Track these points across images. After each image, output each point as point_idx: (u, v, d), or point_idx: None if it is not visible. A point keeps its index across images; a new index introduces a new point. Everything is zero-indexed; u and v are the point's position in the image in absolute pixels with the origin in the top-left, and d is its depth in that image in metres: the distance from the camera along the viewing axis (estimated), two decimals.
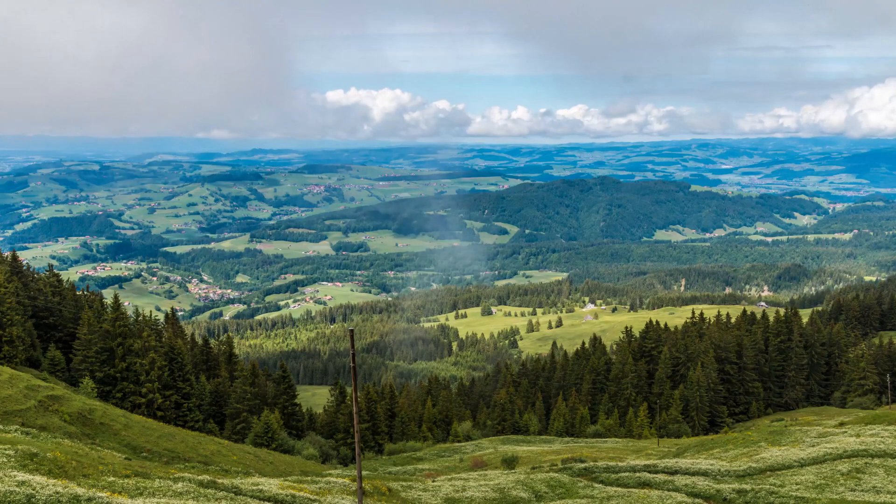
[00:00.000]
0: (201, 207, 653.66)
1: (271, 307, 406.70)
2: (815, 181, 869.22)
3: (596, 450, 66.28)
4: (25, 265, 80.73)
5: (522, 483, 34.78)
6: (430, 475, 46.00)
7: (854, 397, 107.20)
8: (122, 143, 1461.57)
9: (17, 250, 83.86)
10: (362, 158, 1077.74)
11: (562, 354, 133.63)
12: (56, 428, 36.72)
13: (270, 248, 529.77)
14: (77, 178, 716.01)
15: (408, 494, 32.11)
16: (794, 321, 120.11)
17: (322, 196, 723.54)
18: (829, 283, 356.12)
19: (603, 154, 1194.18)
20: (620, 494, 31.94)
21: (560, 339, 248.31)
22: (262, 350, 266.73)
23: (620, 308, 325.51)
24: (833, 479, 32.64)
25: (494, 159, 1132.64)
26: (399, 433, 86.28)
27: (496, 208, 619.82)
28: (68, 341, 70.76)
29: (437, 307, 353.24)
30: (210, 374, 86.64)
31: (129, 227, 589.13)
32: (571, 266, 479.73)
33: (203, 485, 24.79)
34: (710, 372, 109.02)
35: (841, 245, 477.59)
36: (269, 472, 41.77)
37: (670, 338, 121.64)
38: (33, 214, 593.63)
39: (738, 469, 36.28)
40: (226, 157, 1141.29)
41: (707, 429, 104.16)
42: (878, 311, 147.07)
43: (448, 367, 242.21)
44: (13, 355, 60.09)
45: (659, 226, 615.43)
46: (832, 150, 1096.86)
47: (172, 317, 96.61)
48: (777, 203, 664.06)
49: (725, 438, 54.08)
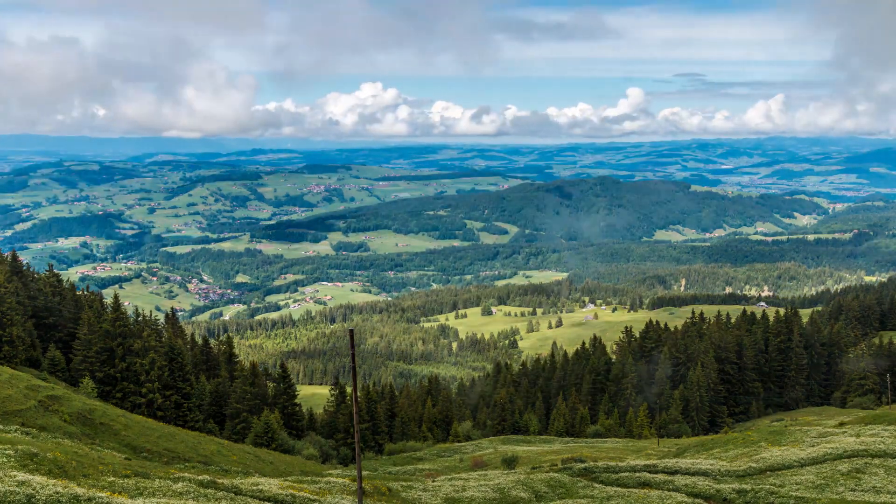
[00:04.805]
0: (201, 207, 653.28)
1: (271, 307, 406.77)
2: (816, 181, 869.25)
3: (596, 450, 66.27)
4: (25, 265, 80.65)
5: (522, 483, 34.78)
6: (430, 475, 45.99)
7: (854, 397, 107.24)
8: (122, 143, 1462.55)
9: (17, 250, 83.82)
10: (362, 158, 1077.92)
11: (562, 354, 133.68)
12: (56, 428, 36.72)
13: (270, 248, 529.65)
14: (77, 178, 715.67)
15: (408, 494, 32.11)
16: (794, 321, 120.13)
17: (322, 196, 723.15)
18: (829, 283, 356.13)
19: (603, 154, 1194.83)
20: (620, 494, 31.94)
21: (560, 339, 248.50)
22: (262, 350, 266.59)
23: (620, 308, 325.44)
24: (833, 479, 32.65)
25: (494, 159, 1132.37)
26: (399, 433, 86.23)
27: (496, 208, 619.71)
28: (68, 341, 70.73)
29: (437, 307, 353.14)
30: (210, 374, 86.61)
31: (129, 227, 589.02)
32: (571, 266, 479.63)
33: (203, 485, 24.79)
34: (710, 372, 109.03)
35: (841, 245, 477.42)
36: (269, 472, 41.76)
37: (670, 338, 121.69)
38: (33, 214, 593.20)
39: (738, 469, 36.28)
40: (226, 157, 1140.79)
41: (707, 429, 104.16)
42: (878, 311, 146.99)
43: (448, 367, 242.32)
44: (13, 355, 60.10)
45: (659, 226, 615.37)
46: (832, 150, 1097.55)
47: (172, 317, 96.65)
48: (777, 203, 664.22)
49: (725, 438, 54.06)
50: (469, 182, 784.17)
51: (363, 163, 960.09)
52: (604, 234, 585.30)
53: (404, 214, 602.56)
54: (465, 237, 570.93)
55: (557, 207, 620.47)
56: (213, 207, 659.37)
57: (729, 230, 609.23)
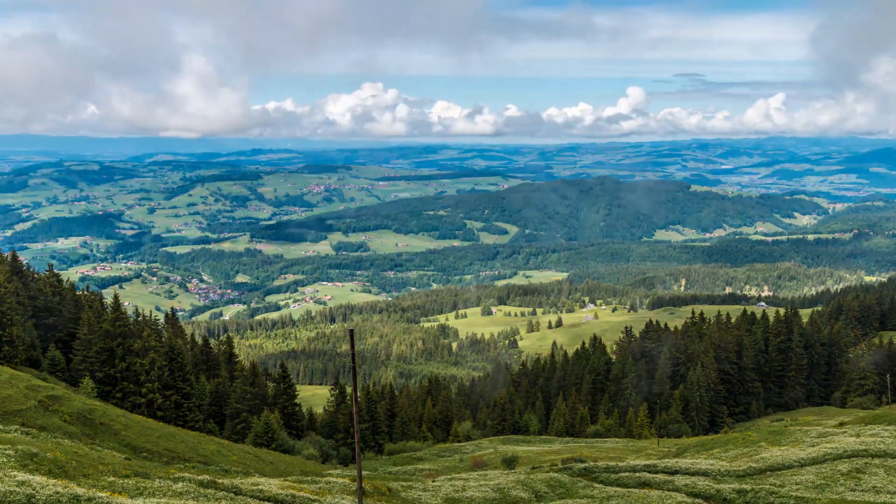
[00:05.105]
0: (201, 207, 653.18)
1: (271, 307, 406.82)
2: (816, 181, 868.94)
3: (596, 450, 66.27)
4: (25, 265, 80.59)
5: (522, 483, 34.78)
6: (430, 475, 45.99)
7: (854, 397, 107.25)
8: (122, 142, 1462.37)
9: (17, 250, 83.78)
10: (362, 158, 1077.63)
11: (562, 354, 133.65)
12: (56, 428, 36.72)
13: (270, 248, 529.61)
14: (77, 178, 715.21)
15: (408, 494, 32.11)
16: (794, 321, 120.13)
17: (322, 196, 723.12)
18: (829, 283, 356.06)
19: (603, 154, 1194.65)
20: (620, 494, 31.94)
21: (560, 339, 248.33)
22: (262, 350, 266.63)
23: (620, 308, 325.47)
24: (833, 479, 32.65)
25: (494, 159, 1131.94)
26: (399, 433, 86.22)
27: (496, 208, 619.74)
28: (68, 341, 70.71)
29: (437, 307, 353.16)
30: (210, 374, 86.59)
31: (129, 227, 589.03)
32: (571, 266, 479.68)
33: (203, 485, 24.79)
34: (710, 372, 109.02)
35: (841, 245, 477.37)
36: (269, 472, 41.75)
37: (670, 338, 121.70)
38: (33, 214, 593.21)
39: (738, 469, 36.28)
40: (226, 157, 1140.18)
41: (707, 429, 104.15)
42: (878, 311, 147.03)
43: (448, 367, 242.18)
44: (13, 355, 60.10)
45: (659, 226, 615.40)
46: (832, 150, 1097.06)
47: (172, 317, 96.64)
48: (777, 203, 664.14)
49: (725, 438, 54.06)
50: (469, 182, 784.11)
51: (363, 163, 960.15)
52: (604, 234, 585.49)
53: (404, 214, 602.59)
54: (465, 237, 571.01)
55: (557, 207, 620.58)
56: (213, 207, 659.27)
57: (729, 230, 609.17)
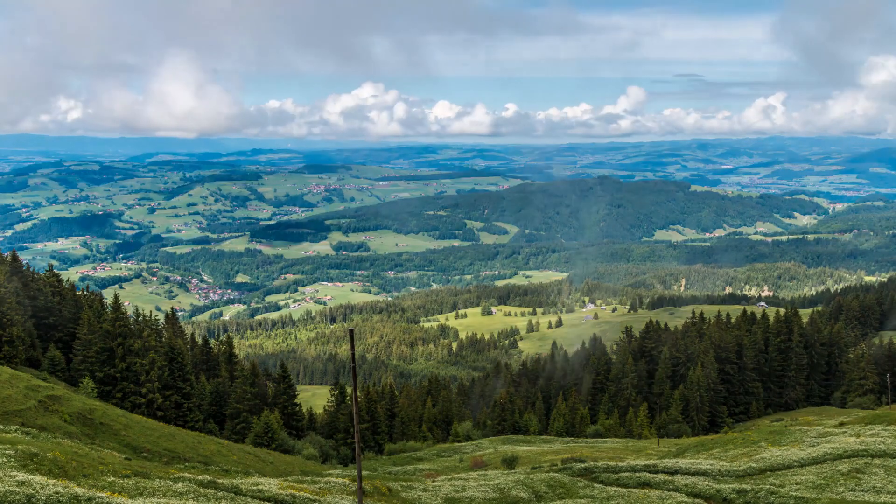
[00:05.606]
0: (201, 207, 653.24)
1: (271, 307, 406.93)
2: (815, 181, 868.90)
3: (596, 450, 66.26)
4: (25, 265, 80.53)
5: (522, 483, 34.77)
6: (430, 475, 45.99)
7: (854, 397, 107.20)
8: (122, 143, 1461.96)
9: (17, 250, 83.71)
10: (362, 158, 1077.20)
11: (562, 354, 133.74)
12: (56, 428, 36.72)
13: (270, 249, 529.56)
14: (77, 178, 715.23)
15: (408, 494, 32.11)
16: (794, 321, 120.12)
17: (322, 196, 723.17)
18: (829, 283, 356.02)
19: (603, 154, 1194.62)
20: (620, 494, 31.93)
21: (560, 339, 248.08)
22: (262, 350, 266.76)
23: (620, 308, 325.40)
24: (833, 479, 32.64)
25: (494, 159, 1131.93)
26: (399, 433, 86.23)
27: (496, 208, 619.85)
28: (68, 341, 70.73)
29: (437, 307, 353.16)
30: (210, 374, 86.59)
31: (129, 227, 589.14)
32: (571, 266, 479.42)
33: (203, 485, 24.78)
34: (710, 372, 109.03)
35: (841, 245, 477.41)
36: (269, 472, 41.76)
37: (670, 338, 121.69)
38: (33, 214, 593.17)
39: (738, 469, 36.27)
40: (226, 157, 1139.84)
41: (707, 429, 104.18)
42: (878, 311, 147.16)
43: (448, 367, 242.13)
44: (13, 355, 60.11)
45: (659, 226, 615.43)
46: (832, 150, 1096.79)
47: (172, 317, 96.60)
48: (777, 203, 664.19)
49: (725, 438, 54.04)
50: (469, 182, 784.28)
51: (363, 163, 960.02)
52: (604, 234, 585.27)
53: (404, 214, 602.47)
54: (465, 237, 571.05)
55: (557, 207, 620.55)
56: (212, 207, 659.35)
57: (729, 230, 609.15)
